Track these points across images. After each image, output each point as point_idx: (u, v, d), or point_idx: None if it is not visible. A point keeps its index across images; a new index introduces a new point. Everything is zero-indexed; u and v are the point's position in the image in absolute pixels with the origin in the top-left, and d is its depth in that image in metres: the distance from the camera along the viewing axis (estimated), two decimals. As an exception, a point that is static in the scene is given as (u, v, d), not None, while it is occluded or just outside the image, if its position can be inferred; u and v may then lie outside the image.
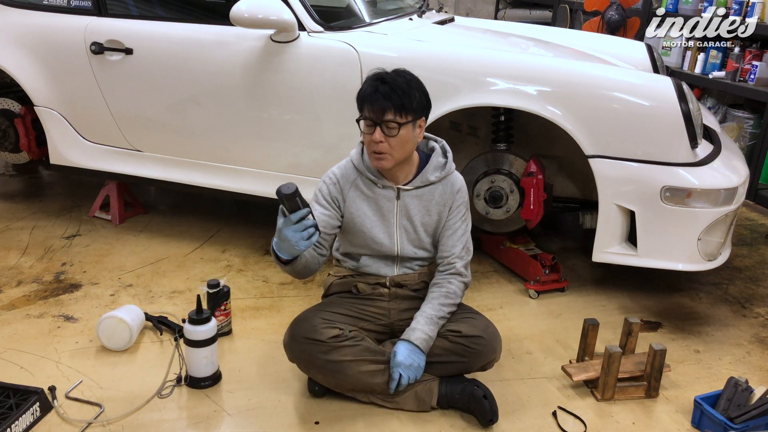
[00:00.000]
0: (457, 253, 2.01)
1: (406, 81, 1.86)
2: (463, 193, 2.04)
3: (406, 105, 1.84)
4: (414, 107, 1.86)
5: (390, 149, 1.87)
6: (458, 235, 2.02)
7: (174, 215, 3.45)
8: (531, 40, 3.31)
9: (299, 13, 2.64)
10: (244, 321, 2.46)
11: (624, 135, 2.37)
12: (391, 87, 1.83)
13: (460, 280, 2.01)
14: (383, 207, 2.00)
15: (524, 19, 6.59)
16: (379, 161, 1.89)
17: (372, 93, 1.84)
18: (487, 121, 2.83)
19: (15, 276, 2.75)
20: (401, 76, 1.87)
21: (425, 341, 1.90)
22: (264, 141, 2.82)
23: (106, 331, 2.22)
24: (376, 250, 2.04)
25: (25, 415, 1.83)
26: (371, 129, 1.86)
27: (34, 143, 3.33)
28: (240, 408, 1.98)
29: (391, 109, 1.82)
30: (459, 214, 2.03)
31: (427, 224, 2.02)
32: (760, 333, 2.51)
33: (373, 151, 1.88)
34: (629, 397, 2.07)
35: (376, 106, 1.83)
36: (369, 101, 1.84)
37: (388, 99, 1.82)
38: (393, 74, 1.87)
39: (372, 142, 1.86)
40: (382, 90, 1.82)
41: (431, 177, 1.99)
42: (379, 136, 1.84)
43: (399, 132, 1.85)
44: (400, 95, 1.83)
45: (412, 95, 1.85)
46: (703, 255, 2.39)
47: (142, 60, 2.86)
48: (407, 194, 1.99)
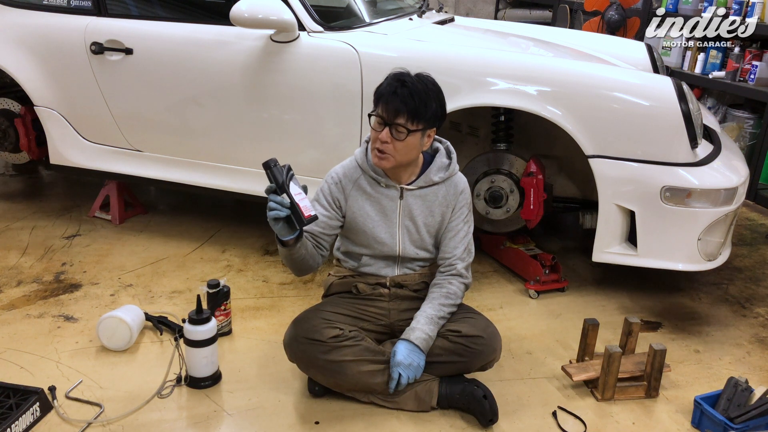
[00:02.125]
0: (459, 255, 2.01)
1: (426, 89, 1.84)
2: (466, 194, 2.04)
3: (421, 113, 1.82)
4: (428, 117, 1.85)
5: (394, 151, 1.86)
6: (460, 236, 2.02)
7: (174, 215, 3.45)
8: (531, 40, 3.31)
9: (299, 13, 2.64)
10: (244, 321, 2.46)
11: (624, 135, 2.37)
12: (411, 92, 1.81)
13: (460, 281, 2.01)
14: (386, 206, 1.99)
15: (524, 19, 6.59)
16: (379, 159, 1.89)
17: (390, 93, 1.82)
18: (487, 121, 2.83)
19: (15, 276, 2.75)
20: (423, 82, 1.85)
21: (425, 341, 1.90)
22: (264, 141, 2.82)
23: (106, 331, 2.22)
24: (378, 249, 2.03)
25: (25, 415, 1.83)
26: (380, 127, 1.85)
27: (34, 143, 3.33)
28: (240, 408, 1.98)
29: (405, 114, 1.81)
30: (462, 215, 2.03)
31: (430, 225, 2.02)
32: (760, 333, 2.51)
33: (377, 148, 1.88)
34: (629, 397, 2.07)
35: (391, 107, 1.81)
36: (385, 100, 1.83)
37: (404, 103, 1.80)
38: (415, 78, 1.85)
39: (378, 140, 1.86)
40: (400, 92, 1.81)
41: (435, 177, 1.99)
42: (386, 136, 1.84)
43: (407, 138, 1.84)
44: (417, 102, 1.81)
45: (429, 104, 1.83)
46: (703, 255, 2.39)
47: (142, 60, 2.86)
48: (410, 194, 1.99)
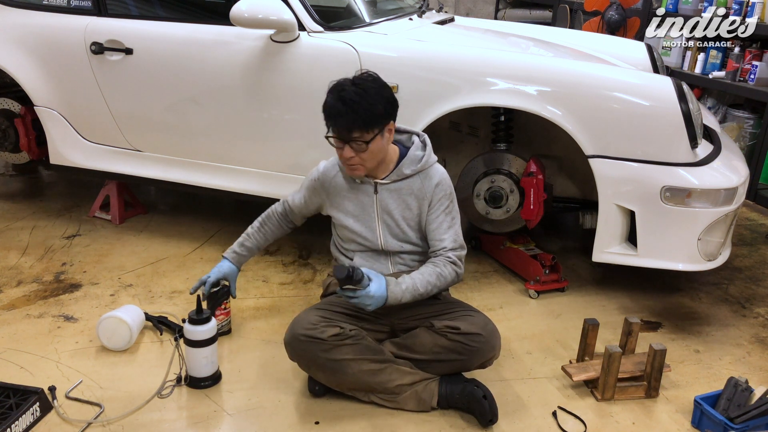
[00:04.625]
0: (448, 246, 2.00)
1: (365, 93, 1.82)
2: (443, 186, 2.03)
3: (371, 119, 1.83)
4: (379, 119, 1.85)
5: (362, 161, 1.90)
6: (444, 227, 2.01)
7: (174, 215, 3.45)
8: (531, 40, 3.31)
9: (299, 13, 2.64)
10: (244, 321, 2.46)
11: (624, 135, 2.37)
12: (353, 104, 1.80)
13: (453, 269, 1.99)
14: (363, 201, 2.03)
15: (524, 19, 6.59)
16: (352, 171, 1.94)
17: (335, 113, 1.83)
18: (487, 121, 2.83)
19: (15, 276, 2.75)
20: (363, 89, 1.83)
21: (396, 296, 1.87)
22: (264, 141, 2.82)
23: (106, 331, 2.22)
24: (363, 244, 2.06)
25: (25, 415, 1.83)
26: (341, 144, 1.88)
27: (34, 143, 3.33)
28: (240, 408, 1.98)
29: (357, 128, 1.82)
30: (441, 207, 2.02)
31: (408, 218, 2.03)
32: (760, 333, 2.51)
33: (345, 164, 1.92)
34: (629, 397, 2.07)
35: (342, 125, 1.83)
36: (333, 121, 1.84)
37: (352, 118, 1.81)
38: (354, 88, 1.83)
39: (343, 157, 1.90)
40: (343, 109, 1.81)
41: (406, 171, 2.00)
42: (349, 152, 1.87)
43: (370, 146, 1.87)
44: (364, 111, 1.81)
45: (375, 107, 1.83)
46: (703, 255, 2.39)
47: (142, 60, 2.86)
48: (384, 188, 2.01)
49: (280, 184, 2.83)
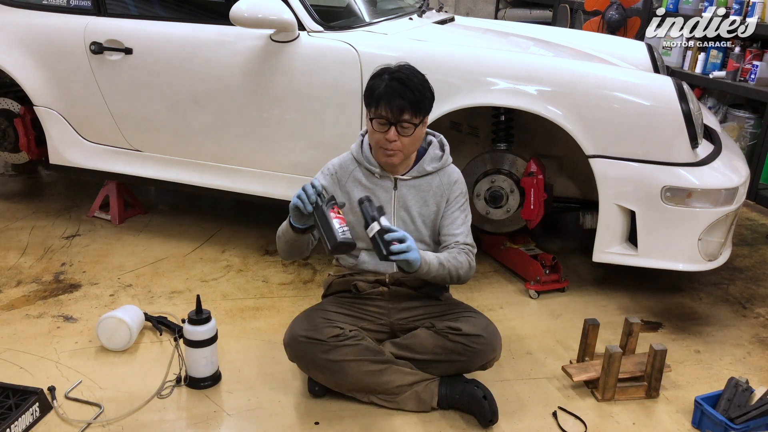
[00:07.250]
0: (461, 240, 2.00)
1: (420, 81, 1.88)
2: (460, 184, 2.06)
3: (422, 105, 1.87)
4: (428, 106, 1.90)
5: (402, 147, 1.90)
6: (458, 223, 2.02)
7: (174, 215, 3.45)
8: (531, 39, 3.31)
9: (299, 12, 2.64)
10: (244, 321, 2.45)
11: (624, 135, 2.36)
12: (409, 87, 1.84)
13: (467, 259, 1.97)
14: (381, 197, 2.01)
15: (524, 18, 6.59)
16: (389, 158, 1.92)
17: (389, 93, 1.84)
18: (488, 121, 2.83)
19: (14, 276, 2.75)
20: (415, 75, 1.89)
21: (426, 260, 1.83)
22: (264, 141, 2.81)
23: (105, 331, 2.22)
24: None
25: (25, 415, 1.82)
26: (385, 128, 1.87)
27: (33, 143, 3.33)
28: (240, 408, 1.98)
29: (408, 110, 1.84)
30: (457, 204, 2.04)
31: (425, 215, 2.03)
32: (760, 333, 2.51)
33: (384, 148, 1.90)
34: (629, 397, 2.07)
35: (394, 107, 1.84)
36: (386, 101, 1.84)
37: (406, 99, 1.83)
38: (407, 73, 1.88)
39: (384, 140, 1.88)
40: (399, 89, 1.83)
41: (428, 167, 2.01)
42: (394, 135, 1.87)
43: (414, 132, 1.88)
44: (418, 95, 1.85)
45: (425, 94, 1.88)
46: (703, 255, 2.39)
47: (141, 60, 2.86)
48: (404, 184, 2.01)
49: (280, 184, 2.83)
